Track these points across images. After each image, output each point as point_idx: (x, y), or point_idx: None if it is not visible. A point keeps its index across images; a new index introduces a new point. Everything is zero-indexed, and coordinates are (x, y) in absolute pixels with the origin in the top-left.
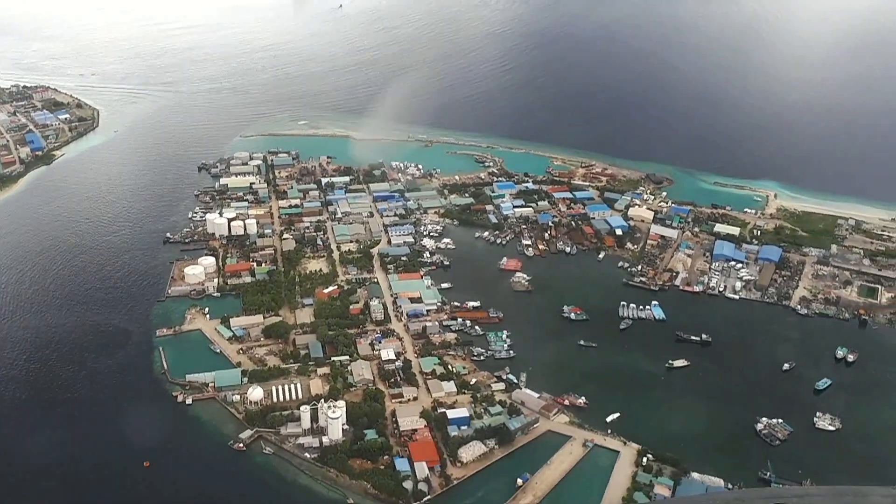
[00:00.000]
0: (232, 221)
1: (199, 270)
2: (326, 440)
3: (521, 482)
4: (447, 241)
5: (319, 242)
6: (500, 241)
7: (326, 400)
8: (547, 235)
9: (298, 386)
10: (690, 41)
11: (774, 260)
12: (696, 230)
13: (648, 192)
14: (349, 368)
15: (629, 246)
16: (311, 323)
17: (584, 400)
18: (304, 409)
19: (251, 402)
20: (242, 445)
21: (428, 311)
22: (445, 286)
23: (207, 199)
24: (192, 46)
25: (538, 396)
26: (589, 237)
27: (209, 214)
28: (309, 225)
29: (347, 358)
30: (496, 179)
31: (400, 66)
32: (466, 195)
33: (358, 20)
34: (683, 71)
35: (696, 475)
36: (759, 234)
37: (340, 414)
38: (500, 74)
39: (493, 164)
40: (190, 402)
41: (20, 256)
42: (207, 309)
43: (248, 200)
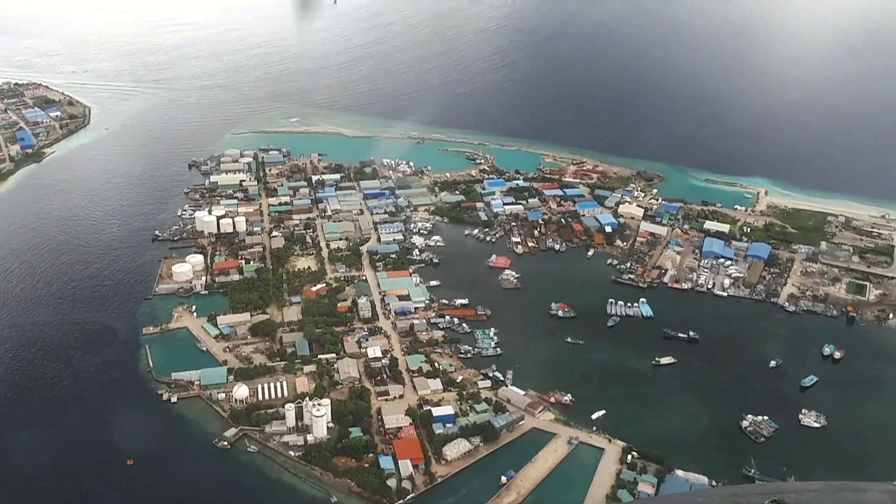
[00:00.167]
0: (221, 219)
1: (186, 268)
2: (311, 438)
3: (505, 480)
4: (437, 238)
5: (308, 240)
6: (489, 238)
7: (312, 398)
8: (536, 233)
9: (284, 384)
10: (686, 40)
11: (763, 257)
12: (685, 227)
13: (639, 189)
14: (335, 366)
15: (619, 243)
16: (298, 321)
17: (569, 397)
18: (288, 407)
19: (236, 400)
20: (227, 444)
21: (416, 308)
22: (434, 284)
23: (197, 196)
24: (185, 44)
25: (524, 394)
26: (578, 234)
27: (198, 212)
28: (298, 222)
29: (334, 356)
30: (487, 177)
31: (393, 63)
32: (457, 192)
33: (352, 17)
34: (679, 69)
35: (680, 472)
36: (748, 231)
37: (325, 412)
38: (493, 71)
39: (484, 161)
40: (175, 400)
41: (8, 254)
42: (195, 307)
43: (237, 198)
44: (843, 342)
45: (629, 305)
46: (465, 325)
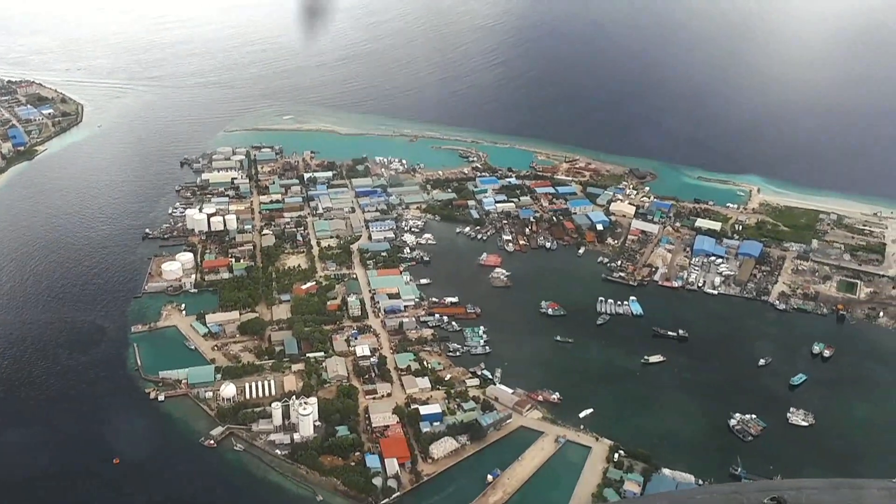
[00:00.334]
0: (211, 217)
1: (176, 266)
2: (297, 437)
3: (491, 478)
4: (428, 236)
5: (299, 238)
6: (480, 236)
7: (299, 397)
8: (528, 231)
9: (272, 382)
10: (683, 38)
11: (755, 255)
12: (677, 225)
13: (632, 186)
14: (324, 365)
15: (610, 241)
16: (287, 319)
17: (557, 396)
18: (275, 405)
19: (223, 398)
20: (213, 442)
21: (406, 307)
22: (424, 282)
23: (188, 194)
24: (180, 41)
25: (512, 392)
26: (570, 232)
27: (189, 210)
28: (289, 220)
29: (322, 354)
30: (479, 174)
31: (389, 60)
32: (449, 190)
33: (349, 14)
34: (674, 67)
35: (666, 471)
36: (740, 228)
37: (311, 411)
38: (489, 69)
39: (477, 158)
40: (162, 398)
41: None
42: (184, 305)
43: (228, 196)
44: (832, 340)
45: (619, 304)
46: (454, 323)
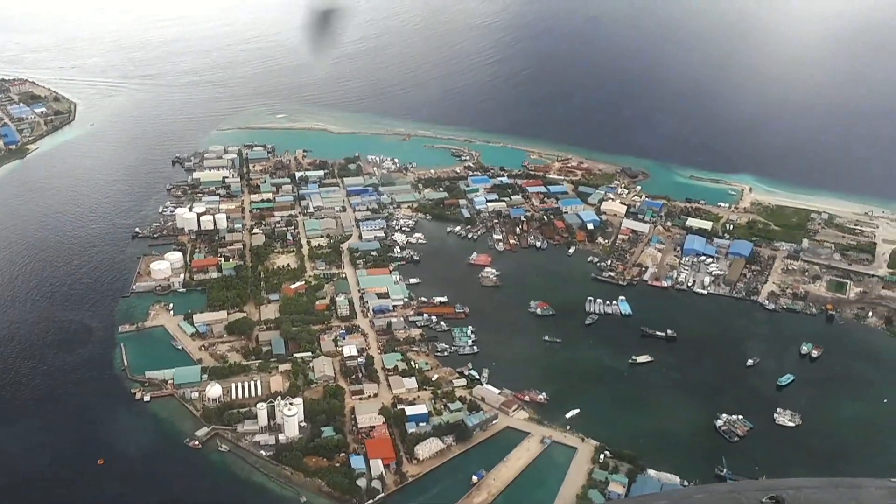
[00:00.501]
0: (201, 216)
1: (165, 266)
2: (283, 438)
3: (476, 479)
4: (418, 235)
5: (289, 237)
6: (471, 235)
7: (284, 397)
8: (518, 230)
9: (258, 383)
10: (680, 38)
11: (745, 255)
12: (668, 224)
13: (623, 185)
14: (311, 365)
15: (600, 240)
16: (275, 319)
17: (544, 396)
18: (260, 406)
19: (209, 399)
20: (198, 443)
21: (394, 306)
22: (414, 281)
23: (179, 193)
24: (174, 39)
25: (499, 392)
26: (560, 232)
27: (179, 209)
28: (280, 219)
29: (310, 354)
30: (471, 173)
31: (383, 58)
32: (441, 189)
33: (345, 12)
34: (671, 67)
35: (651, 472)
36: (731, 228)
37: (297, 411)
38: (483, 68)
39: (469, 157)
40: (148, 399)
41: None
42: (172, 305)
43: (219, 195)
44: (821, 340)
45: (608, 303)
46: (443, 323)
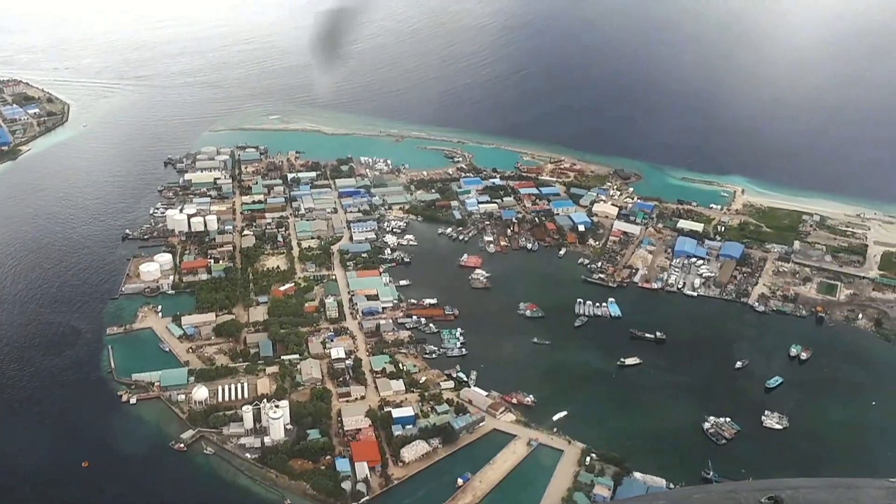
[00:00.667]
0: (192, 217)
1: (154, 267)
2: (268, 440)
3: (461, 482)
4: (409, 237)
5: (280, 239)
6: (462, 237)
7: (270, 399)
8: (509, 232)
9: (245, 385)
10: (674, 39)
11: (736, 256)
12: (659, 226)
13: (615, 187)
14: (298, 367)
15: (591, 242)
16: (264, 321)
17: (532, 398)
18: (246, 408)
19: (196, 401)
20: (183, 446)
21: (384, 308)
22: (404, 283)
23: (171, 194)
24: (169, 40)
25: (486, 395)
26: (551, 233)
27: (169, 210)
28: (271, 221)
29: (297, 357)
30: (463, 175)
31: (378, 59)
32: (433, 191)
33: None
34: (666, 69)
35: (637, 475)
36: (722, 230)
37: (282, 414)
38: (478, 69)
39: (462, 159)
40: (134, 401)
41: None
42: (160, 307)
43: (210, 196)
44: (810, 343)
45: (598, 305)
46: (432, 325)
